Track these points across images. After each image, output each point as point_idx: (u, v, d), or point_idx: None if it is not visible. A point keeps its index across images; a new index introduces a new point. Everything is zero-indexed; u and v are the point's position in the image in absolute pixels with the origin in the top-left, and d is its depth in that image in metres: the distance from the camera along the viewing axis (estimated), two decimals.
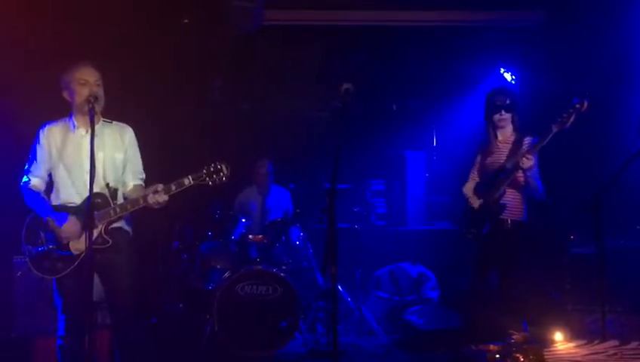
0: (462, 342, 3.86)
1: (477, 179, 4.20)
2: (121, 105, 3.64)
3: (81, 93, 3.32)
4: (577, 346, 3.00)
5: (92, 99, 3.23)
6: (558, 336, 3.40)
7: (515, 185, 3.91)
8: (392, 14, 5.71)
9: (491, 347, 2.98)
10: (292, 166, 6.12)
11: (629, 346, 2.97)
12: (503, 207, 3.86)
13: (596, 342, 3.05)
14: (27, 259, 3.36)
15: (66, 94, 3.41)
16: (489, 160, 4.07)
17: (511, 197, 3.93)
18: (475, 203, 4.06)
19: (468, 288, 4.20)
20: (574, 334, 3.84)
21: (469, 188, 4.20)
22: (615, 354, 2.88)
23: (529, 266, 5.24)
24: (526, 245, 4.02)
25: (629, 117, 5.16)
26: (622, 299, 4.38)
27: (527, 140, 3.95)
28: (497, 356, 2.90)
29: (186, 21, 5.39)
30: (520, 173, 3.86)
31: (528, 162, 3.72)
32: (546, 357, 2.89)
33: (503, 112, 3.96)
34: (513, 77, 6.17)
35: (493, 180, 3.97)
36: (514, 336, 3.21)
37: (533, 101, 5.63)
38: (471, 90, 6.23)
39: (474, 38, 5.83)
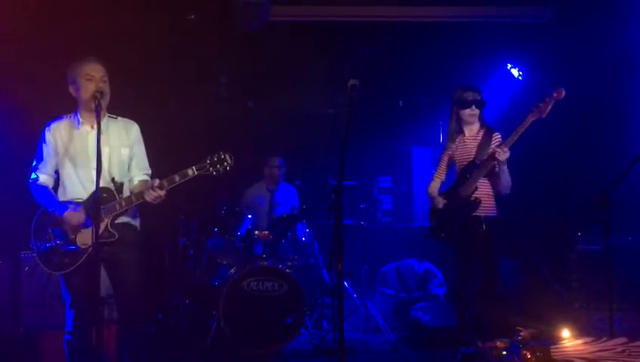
0: (464, 340, 3.85)
1: (442, 178, 4.18)
2: (127, 101, 3.64)
3: (87, 89, 3.32)
4: (585, 343, 2.98)
5: (98, 95, 3.24)
6: (566, 333, 3.38)
7: (486, 180, 3.91)
8: (398, 10, 5.68)
9: (498, 344, 2.98)
10: (298, 163, 6.12)
11: (637, 343, 2.95)
12: (478, 202, 3.83)
13: (604, 339, 3.03)
14: (35, 255, 3.37)
15: (72, 90, 3.42)
16: (458, 156, 4.05)
17: (484, 193, 3.91)
18: (440, 203, 4.02)
19: (455, 289, 4.15)
20: (581, 332, 3.82)
21: (433, 188, 4.16)
22: (623, 351, 2.87)
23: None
24: (501, 240, 4.00)
25: (638, 113, 5.13)
26: (629, 296, 4.35)
27: (496, 135, 3.96)
28: (504, 353, 2.89)
29: (192, 17, 5.38)
30: (492, 168, 3.83)
31: (504, 154, 3.71)
32: (553, 354, 2.88)
33: (474, 107, 3.98)
34: (520, 73, 6.14)
35: (463, 176, 3.94)
36: (521, 333, 3.19)
37: (539, 97, 5.60)
38: (478, 86, 6.19)
39: (482, 34, 5.80)
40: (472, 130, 4.06)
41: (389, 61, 6.25)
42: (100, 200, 3.25)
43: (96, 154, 3.13)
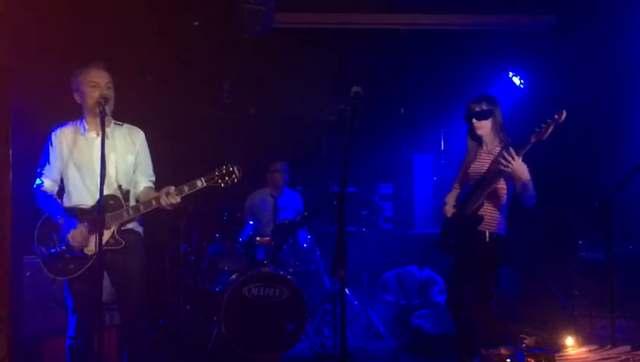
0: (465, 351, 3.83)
1: (459, 190, 4.08)
2: (130, 107, 3.65)
3: (92, 96, 3.33)
4: (589, 351, 2.98)
5: (102, 101, 3.25)
6: (570, 341, 3.37)
7: (494, 197, 3.77)
8: (400, 17, 5.70)
9: (502, 351, 2.97)
10: (300, 169, 6.13)
11: None
12: (480, 218, 3.73)
13: (608, 347, 3.03)
14: (39, 261, 3.37)
15: (76, 96, 3.42)
16: (472, 169, 3.91)
17: (488, 210, 3.76)
18: (449, 211, 3.97)
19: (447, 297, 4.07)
20: (583, 340, 3.82)
21: (448, 198, 4.09)
22: (627, 359, 2.87)
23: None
24: (503, 258, 3.86)
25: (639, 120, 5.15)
26: (631, 304, 4.35)
27: (509, 151, 3.65)
28: (508, 360, 2.88)
29: (196, 24, 5.39)
30: (501, 184, 3.73)
31: (507, 163, 3.51)
32: (557, 361, 2.87)
33: (474, 120, 3.82)
34: (521, 81, 6.16)
35: (472, 191, 3.85)
36: (525, 340, 3.19)
37: (541, 105, 5.62)
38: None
39: (483, 42, 5.82)
40: (488, 144, 3.88)
41: (391, 68, 6.27)
42: (108, 207, 3.28)
43: (100, 161, 3.13)
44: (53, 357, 4.09)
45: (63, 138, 3.43)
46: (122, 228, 3.37)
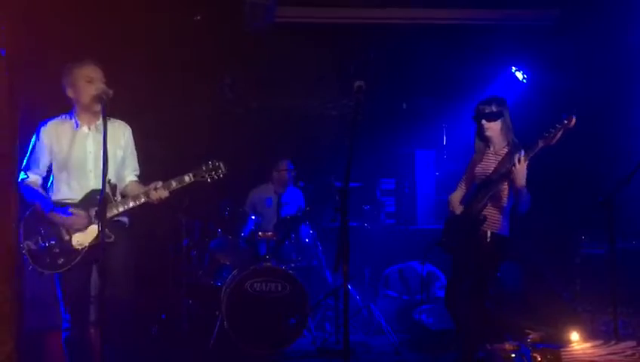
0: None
1: (464, 189, 4.07)
2: (130, 102, 3.64)
3: (87, 91, 3.32)
4: (594, 346, 2.98)
5: (105, 96, 3.22)
6: (575, 336, 3.37)
7: (497, 198, 3.77)
8: (403, 12, 5.69)
9: (507, 346, 2.96)
10: (302, 164, 6.12)
11: None
12: (483, 219, 3.75)
13: (613, 342, 3.03)
14: (26, 255, 3.31)
15: (70, 92, 3.39)
16: (478, 169, 3.92)
17: (492, 210, 3.77)
18: (458, 209, 3.96)
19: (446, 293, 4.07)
20: (585, 335, 3.82)
21: (455, 198, 4.06)
22: (633, 354, 2.87)
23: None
24: (503, 259, 3.90)
25: None
26: (634, 300, 4.35)
27: (516, 156, 3.65)
28: (513, 355, 2.88)
29: (198, 18, 5.37)
30: (505, 186, 3.74)
31: (519, 168, 3.55)
32: (563, 356, 2.87)
33: (483, 121, 3.82)
34: (524, 75, 6.15)
35: (477, 191, 3.85)
36: (530, 335, 3.18)
37: (544, 100, 5.61)
38: (482, 89, 6.19)
39: (486, 37, 5.80)
40: (496, 146, 3.87)
41: (393, 63, 6.25)
42: (96, 202, 3.25)
43: (102, 155, 3.06)
44: (55, 351, 4.08)
45: (54, 132, 3.39)
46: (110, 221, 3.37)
